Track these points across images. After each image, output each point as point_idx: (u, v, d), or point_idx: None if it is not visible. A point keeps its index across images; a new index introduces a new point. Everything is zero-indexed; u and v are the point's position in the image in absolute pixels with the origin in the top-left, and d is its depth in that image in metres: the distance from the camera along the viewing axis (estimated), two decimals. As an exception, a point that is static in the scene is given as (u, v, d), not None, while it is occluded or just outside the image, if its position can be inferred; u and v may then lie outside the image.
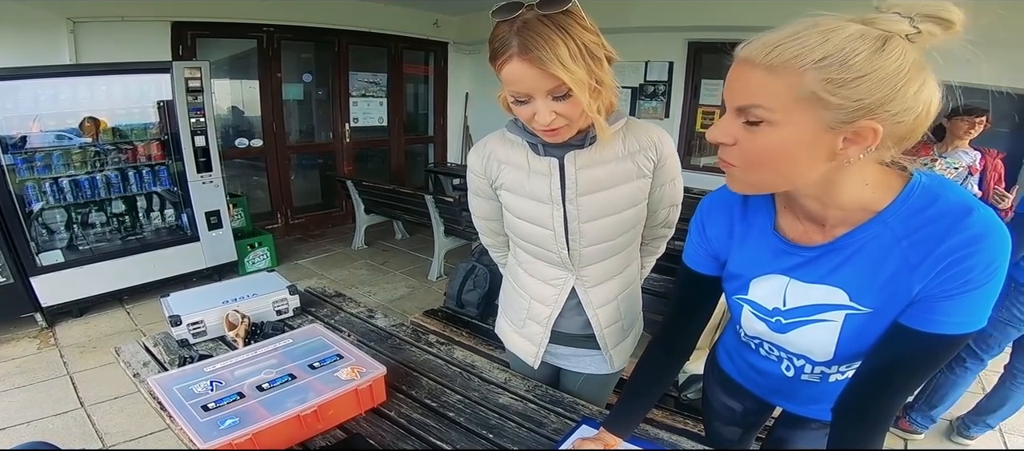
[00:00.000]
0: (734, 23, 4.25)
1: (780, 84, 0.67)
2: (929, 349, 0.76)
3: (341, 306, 1.88)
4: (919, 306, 0.75)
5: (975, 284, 0.70)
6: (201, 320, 1.58)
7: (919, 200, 0.74)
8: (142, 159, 3.85)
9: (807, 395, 1.04)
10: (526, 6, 0.97)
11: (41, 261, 3.38)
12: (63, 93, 3.54)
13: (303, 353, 1.35)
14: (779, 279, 0.89)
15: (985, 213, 0.70)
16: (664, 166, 1.20)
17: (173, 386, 1.18)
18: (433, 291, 4.25)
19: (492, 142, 1.26)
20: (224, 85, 5.19)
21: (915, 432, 2.50)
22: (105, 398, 2.62)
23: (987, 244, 0.69)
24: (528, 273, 1.33)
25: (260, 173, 5.52)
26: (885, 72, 0.64)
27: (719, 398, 1.26)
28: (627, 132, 1.17)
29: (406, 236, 5.67)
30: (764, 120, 0.70)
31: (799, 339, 0.92)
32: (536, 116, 1.03)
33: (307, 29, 5.29)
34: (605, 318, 1.31)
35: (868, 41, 0.64)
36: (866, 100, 0.65)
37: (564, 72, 0.96)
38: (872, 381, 0.83)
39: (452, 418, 1.26)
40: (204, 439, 1.01)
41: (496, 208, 1.33)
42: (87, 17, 3.96)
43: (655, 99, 5.25)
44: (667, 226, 1.34)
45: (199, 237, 4.03)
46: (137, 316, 3.61)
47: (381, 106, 6.20)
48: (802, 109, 0.67)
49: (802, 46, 0.65)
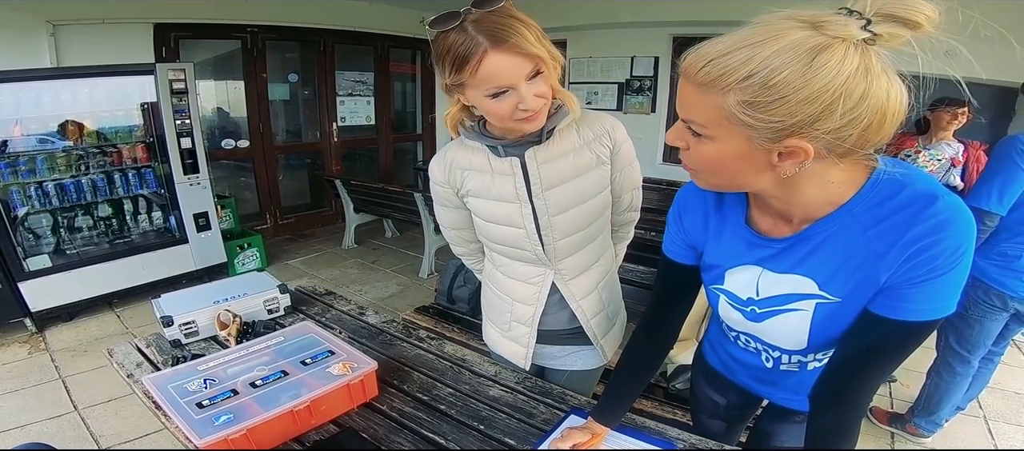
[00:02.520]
0: (718, 17, 4.30)
1: (708, 103, 0.69)
2: (899, 336, 0.78)
3: (332, 304, 1.90)
4: (888, 294, 0.77)
5: (942, 270, 0.71)
6: (193, 320, 1.59)
7: (884, 190, 0.75)
8: (128, 162, 3.83)
9: (789, 384, 1.07)
10: (464, 11, 0.99)
11: (28, 266, 3.37)
12: (45, 96, 3.52)
13: (295, 350, 1.37)
14: (752, 270, 0.92)
15: (950, 200, 0.71)
16: (620, 152, 1.23)
17: (167, 385, 1.19)
18: (424, 288, 4.27)
19: (452, 151, 1.26)
20: (209, 86, 5.15)
21: (923, 436, 2.50)
22: (98, 401, 2.62)
23: (953, 230, 0.70)
24: (506, 276, 1.36)
25: (248, 174, 5.50)
26: (809, 91, 0.63)
27: (705, 391, 1.29)
28: (580, 123, 1.20)
29: (396, 234, 5.69)
30: (701, 134, 0.73)
31: (773, 329, 0.95)
32: (521, 103, 1.03)
33: (291, 29, 5.27)
34: (589, 308, 1.33)
35: (798, 54, 0.63)
36: (787, 121, 0.65)
37: (539, 49, 1.00)
38: (845, 368, 0.85)
39: (443, 411, 1.28)
40: (200, 436, 1.03)
41: (465, 217, 1.34)
42: (67, 19, 3.92)
43: (641, 94, 5.30)
44: (632, 210, 1.37)
45: (188, 239, 4.02)
46: (127, 319, 3.60)
47: (368, 105, 6.20)
48: (730, 126, 0.69)
49: (727, 65, 0.66)
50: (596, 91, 5.59)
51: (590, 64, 5.58)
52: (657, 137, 5.29)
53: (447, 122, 1.20)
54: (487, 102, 1.05)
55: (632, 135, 1.26)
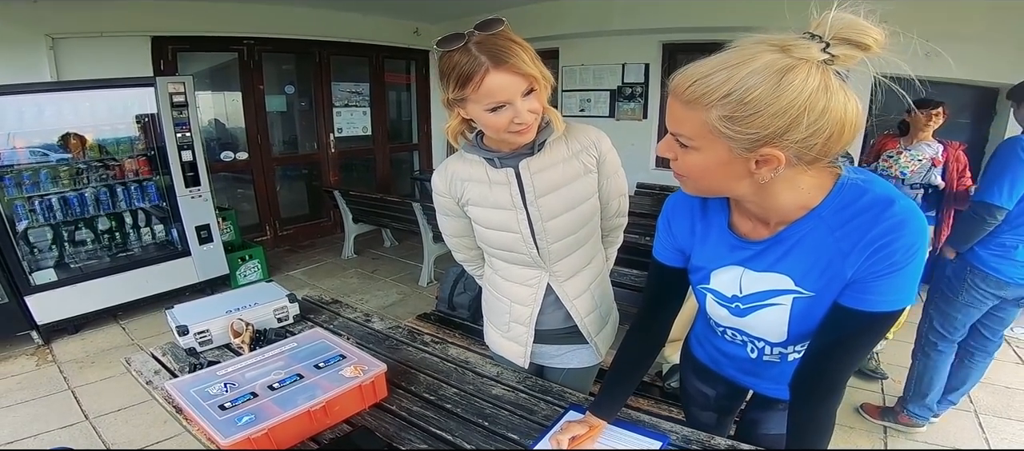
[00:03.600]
0: (705, 24, 4.42)
1: (694, 118, 0.79)
2: (866, 325, 0.88)
3: (338, 312, 1.97)
4: (854, 287, 0.87)
5: (899, 265, 0.82)
6: (207, 329, 1.66)
7: (848, 195, 0.85)
8: (129, 175, 3.89)
9: (771, 375, 1.16)
10: (468, 33, 1.11)
11: (34, 280, 3.42)
12: (47, 110, 3.57)
13: (308, 355, 1.44)
14: (735, 270, 1.02)
15: (905, 203, 0.82)
16: (605, 161, 1.34)
17: (190, 389, 1.27)
18: (424, 296, 4.33)
19: (452, 164, 1.38)
20: (206, 97, 5.21)
21: (917, 424, 2.57)
22: (108, 410, 2.67)
23: (907, 230, 0.80)
24: (505, 278, 1.45)
25: (247, 186, 5.56)
26: (778, 106, 0.73)
27: (694, 384, 1.38)
28: (569, 135, 1.31)
29: (395, 243, 5.75)
30: (688, 145, 0.83)
31: (756, 322, 1.04)
32: (516, 117, 1.15)
33: (287, 41, 5.35)
34: (583, 308, 1.43)
35: (768, 74, 0.72)
36: (762, 133, 0.75)
37: (533, 70, 1.12)
38: (820, 357, 0.95)
39: (450, 409, 1.36)
40: (224, 436, 1.10)
41: (465, 225, 1.45)
42: (66, 34, 3.99)
43: (633, 100, 5.38)
44: (620, 215, 1.48)
45: (190, 252, 4.07)
46: (133, 331, 3.64)
47: (365, 115, 6.28)
48: (713, 137, 0.79)
49: (708, 85, 0.75)
50: (588, 98, 5.67)
51: (582, 72, 5.66)
52: (649, 143, 5.36)
53: (448, 134, 1.31)
54: (486, 115, 1.16)
55: (624, 141, 1.37)
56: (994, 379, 2.98)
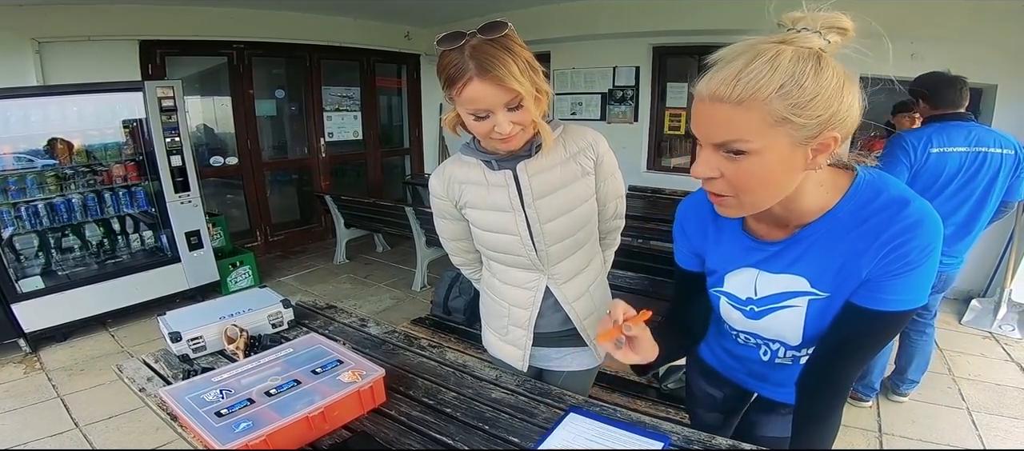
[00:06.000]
0: (695, 27, 4.45)
1: (752, 115, 0.74)
2: (878, 324, 0.89)
3: (333, 317, 1.95)
4: (867, 286, 0.87)
5: (913, 264, 0.82)
6: (200, 335, 1.64)
7: (864, 195, 0.86)
8: (118, 180, 3.85)
9: (779, 378, 1.16)
10: (469, 34, 1.10)
11: (21, 288, 3.37)
12: (33, 115, 3.53)
13: (304, 360, 1.43)
14: (749, 272, 1.02)
15: (920, 204, 0.82)
16: (602, 163, 1.34)
17: (185, 396, 1.24)
18: (418, 301, 4.32)
19: (450, 166, 1.38)
20: (195, 102, 5.17)
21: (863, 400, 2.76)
22: (99, 418, 2.64)
23: (923, 230, 0.81)
24: (503, 281, 1.45)
25: (237, 191, 5.51)
26: (830, 87, 0.74)
27: (701, 387, 1.38)
28: (566, 137, 1.31)
29: (387, 248, 5.73)
30: (745, 151, 0.77)
31: (771, 324, 1.03)
32: (496, 128, 1.15)
33: (277, 45, 5.32)
34: (581, 310, 1.43)
35: (808, 63, 0.73)
36: (824, 115, 0.74)
37: (518, 85, 1.10)
38: (829, 356, 0.96)
39: (449, 414, 1.34)
40: (222, 442, 1.08)
41: (463, 228, 1.44)
42: (52, 37, 3.94)
43: (624, 103, 5.41)
44: (617, 217, 1.48)
45: (180, 258, 4.03)
46: (122, 338, 3.59)
47: (356, 120, 6.25)
48: (776, 133, 0.75)
49: (758, 77, 0.73)
50: (580, 102, 5.69)
51: (573, 75, 5.68)
52: (641, 145, 5.39)
53: (446, 124, 1.29)
54: (468, 119, 1.18)
55: (616, 144, 1.37)
56: (985, 376, 3.04)
